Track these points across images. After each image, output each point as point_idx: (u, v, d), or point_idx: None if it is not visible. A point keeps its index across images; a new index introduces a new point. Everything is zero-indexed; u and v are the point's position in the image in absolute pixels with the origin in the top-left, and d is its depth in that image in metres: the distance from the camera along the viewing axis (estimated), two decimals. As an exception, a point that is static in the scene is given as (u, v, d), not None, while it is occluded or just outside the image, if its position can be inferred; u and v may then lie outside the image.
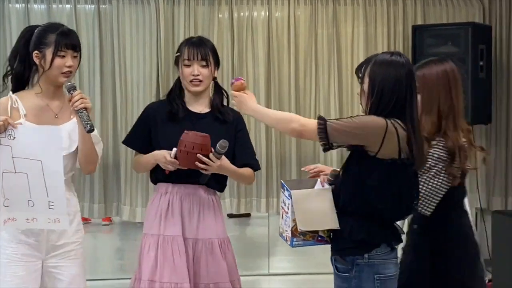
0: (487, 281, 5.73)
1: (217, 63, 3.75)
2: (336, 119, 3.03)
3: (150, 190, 5.83)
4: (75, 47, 3.47)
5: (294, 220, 3.12)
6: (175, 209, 3.67)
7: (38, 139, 3.24)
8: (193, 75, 3.66)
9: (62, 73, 3.43)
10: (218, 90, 3.82)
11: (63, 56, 3.42)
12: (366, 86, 3.05)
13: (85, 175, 5.57)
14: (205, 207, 3.71)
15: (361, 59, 5.87)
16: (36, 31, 3.48)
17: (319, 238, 3.15)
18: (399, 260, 3.20)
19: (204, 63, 3.65)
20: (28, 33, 3.51)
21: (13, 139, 3.22)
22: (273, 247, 3.56)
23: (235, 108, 3.38)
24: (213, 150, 3.52)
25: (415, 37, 5.99)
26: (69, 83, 3.40)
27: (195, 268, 3.65)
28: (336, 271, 3.09)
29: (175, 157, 3.55)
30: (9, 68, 3.50)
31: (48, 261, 3.46)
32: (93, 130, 3.35)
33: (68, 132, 3.46)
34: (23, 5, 5.72)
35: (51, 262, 3.46)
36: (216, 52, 3.76)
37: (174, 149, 3.55)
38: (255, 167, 3.78)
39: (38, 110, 3.41)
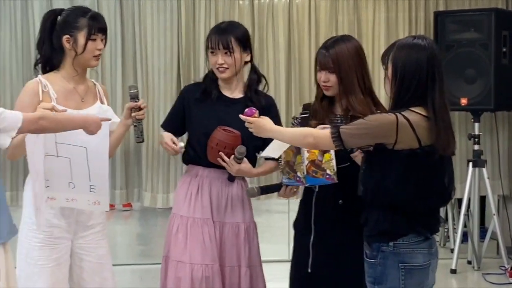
0: (509, 268, 5.74)
1: (245, 48, 3.75)
2: (348, 124, 3.04)
3: (171, 176, 5.87)
4: (105, 30, 3.51)
5: (307, 159, 3.26)
6: (205, 192, 3.71)
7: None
8: (218, 63, 3.68)
9: (94, 56, 3.47)
10: (253, 74, 3.82)
11: (94, 40, 3.45)
12: (389, 72, 3.04)
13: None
14: (233, 191, 3.74)
15: (382, 46, 5.88)
16: (63, 15, 3.48)
17: (327, 176, 3.28)
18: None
19: (226, 51, 3.66)
20: (51, 16, 3.51)
21: None
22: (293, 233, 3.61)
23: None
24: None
25: (437, 24, 5.97)
26: (133, 90, 3.49)
27: (221, 251, 3.69)
28: (365, 256, 3.11)
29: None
30: (38, 56, 3.54)
31: (76, 242, 3.52)
32: (143, 141, 3.51)
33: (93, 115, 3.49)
34: (47, -7, 5.76)
35: (79, 242, 3.52)
36: (243, 38, 3.74)
37: (181, 144, 3.69)
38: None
39: (67, 93, 3.45)
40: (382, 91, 3.25)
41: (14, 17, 5.74)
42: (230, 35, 3.69)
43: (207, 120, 3.68)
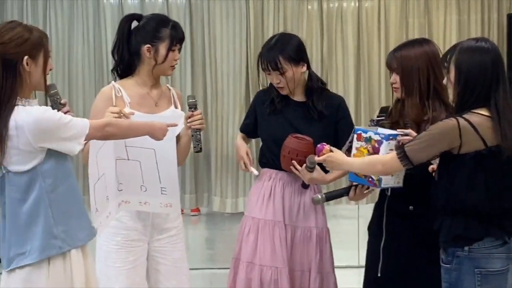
0: None
1: (298, 61, 3.67)
2: (411, 140, 3.01)
3: (240, 181, 5.89)
4: (183, 40, 3.54)
5: (354, 155, 3.25)
6: (277, 195, 3.70)
7: None
8: (274, 82, 3.67)
9: (171, 66, 3.50)
10: (312, 79, 3.80)
11: (174, 50, 3.48)
12: (452, 75, 2.99)
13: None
14: (306, 195, 3.73)
15: (454, 49, 5.79)
16: (143, 22, 3.50)
17: (370, 179, 3.24)
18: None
19: (278, 72, 3.64)
20: (129, 22, 3.53)
21: None
22: (363, 239, 3.57)
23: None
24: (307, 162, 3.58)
25: (511, 26, 5.85)
26: (191, 100, 3.49)
27: (291, 254, 3.67)
28: (441, 262, 3.06)
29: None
30: (114, 62, 3.59)
31: (152, 245, 3.55)
32: (201, 151, 3.48)
33: (167, 119, 3.51)
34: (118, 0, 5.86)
35: (155, 245, 3.55)
36: (294, 53, 3.66)
37: (255, 172, 3.79)
38: None
39: (140, 98, 3.48)
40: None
41: (86, 22, 5.84)
42: (279, 55, 3.62)
43: (275, 126, 3.69)
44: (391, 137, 3.17)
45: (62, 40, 5.81)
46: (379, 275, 3.48)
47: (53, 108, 2.97)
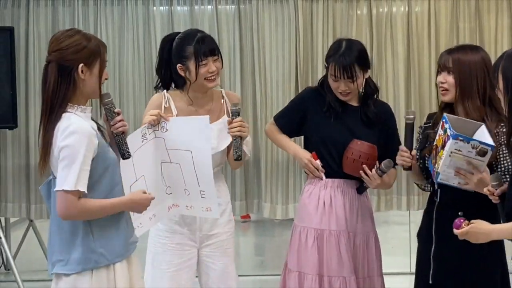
0: None
1: (366, 67, 3.71)
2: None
3: (290, 187, 5.87)
4: (214, 51, 3.54)
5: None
6: (339, 202, 3.67)
7: (188, 130, 3.37)
8: (341, 89, 3.65)
9: (206, 79, 3.52)
10: (368, 85, 3.78)
11: (205, 64, 3.49)
12: (500, 84, 2.94)
13: (226, 168, 5.71)
14: (362, 200, 3.73)
15: (506, 53, 5.70)
16: (174, 43, 3.56)
17: (433, 169, 3.23)
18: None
19: (350, 80, 3.62)
20: (168, 42, 3.60)
21: (165, 131, 3.37)
22: (414, 245, 3.56)
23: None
24: (377, 164, 3.56)
25: None
26: (235, 107, 3.51)
27: (355, 262, 3.66)
28: None
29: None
30: (159, 80, 3.64)
31: (202, 250, 3.59)
32: (240, 159, 3.48)
33: (218, 131, 3.55)
34: (167, 7, 5.90)
35: (205, 251, 3.60)
36: (364, 59, 3.69)
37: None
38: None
39: (188, 113, 3.52)
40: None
41: (136, 30, 5.90)
42: (354, 63, 3.62)
43: (336, 130, 3.67)
44: (460, 138, 3.11)
45: (112, 48, 5.87)
46: (430, 282, 3.45)
47: (107, 117, 3.01)
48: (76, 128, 2.81)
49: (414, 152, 3.50)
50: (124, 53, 5.91)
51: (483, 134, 3.19)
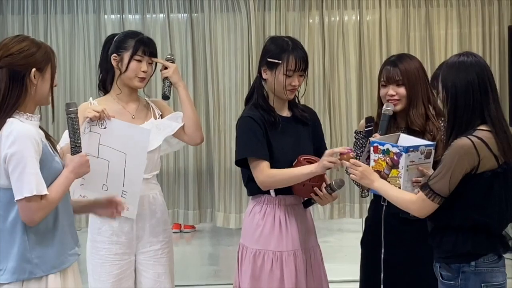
0: None
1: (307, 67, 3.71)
2: (433, 175, 2.98)
3: (243, 197, 5.86)
4: (152, 54, 3.60)
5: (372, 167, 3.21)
6: (292, 221, 3.55)
7: (128, 134, 3.43)
8: (292, 85, 3.52)
9: (137, 77, 3.58)
10: None
11: (139, 61, 3.57)
12: (441, 95, 2.99)
13: (179, 178, 5.71)
14: (306, 215, 3.66)
15: (456, 62, 5.78)
16: (116, 37, 3.63)
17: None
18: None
19: (302, 73, 3.57)
20: (110, 41, 3.69)
21: (103, 128, 3.41)
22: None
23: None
24: (327, 182, 3.48)
25: (512, 38, 5.84)
26: (171, 56, 3.72)
27: (307, 280, 3.56)
28: (441, 278, 3.03)
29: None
30: (100, 76, 3.68)
31: (137, 257, 3.62)
32: (166, 98, 3.70)
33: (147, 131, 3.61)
34: (118, 15, 5.86)
35: (139, 258, 3.63)
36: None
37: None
38: None
39: (115, 113, 3.54)
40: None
41: (87, 38, 5.85)
42: (306, 57, 3.57)
43: (281, 147, 3.52)
44: (411, 149, 3.14)
45: (63, 57, 5.82)
46: (382, 287, 3.48)
47: (69, 126, 2.98)
48: (19, 133, 2.76)
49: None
50: (75, 62, 5.86)
51: (409, 139, 3.27)
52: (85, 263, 3.65)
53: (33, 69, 2.83)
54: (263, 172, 3.44)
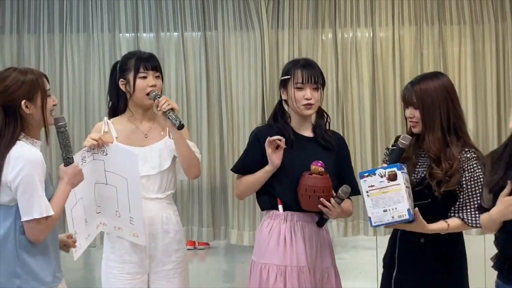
0: None
1: (323, 82, 3.73)
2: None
3: (257, 214, 5.86)
4: (155, 67, 3.63)
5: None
6: (299, 237, 3.58)
7: (124, 159, 3.48)
8: (306, 98, 3.62)
9: (147, 94, 3.60)
10: (321, 114, 3.79)
11: (144, 77, 3.58)
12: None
13: (193, 195, 5.72)
14: (322, 234, 3.67)
15: (469, 78, 5.80)
16: (119, 62, 3.67)
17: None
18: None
19: (315, 86, 3.62)
20: (115, 69, 3.73)
21: (105, 155, 3.43)
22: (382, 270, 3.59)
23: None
24: (334, 194, 3.51)
25: (526, 54, 5.83)
26: (154, 93, 3.61)
27: None
28: None
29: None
30: (110, 103, 3.72)
31: (150, 276, 3.62)
32: (183, 126, 3.51)
33: (159, 150, 3.62)
34: (133, 34, 5.89)
35: (153, 277, 3.62)
36: (320, 71, 3.74)
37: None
38: (357, 192, 3.67)
39: (128, 132, 3.58)
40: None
41: (102, 57, 5.87)
42: (317, 71, 3.70)
43: (293, 162, 3.58)
44: (365, 175, 3.26)
45: (78, 75, 5.86)
46: None
47: (60, 140, 3.06)
48: (30, 157, 2.90)
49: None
50: (90, 80, 5.88)
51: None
52: (100, 281, 3.68)
53: (23, 101, 2.93)
54: (236, 184, 3.74)
